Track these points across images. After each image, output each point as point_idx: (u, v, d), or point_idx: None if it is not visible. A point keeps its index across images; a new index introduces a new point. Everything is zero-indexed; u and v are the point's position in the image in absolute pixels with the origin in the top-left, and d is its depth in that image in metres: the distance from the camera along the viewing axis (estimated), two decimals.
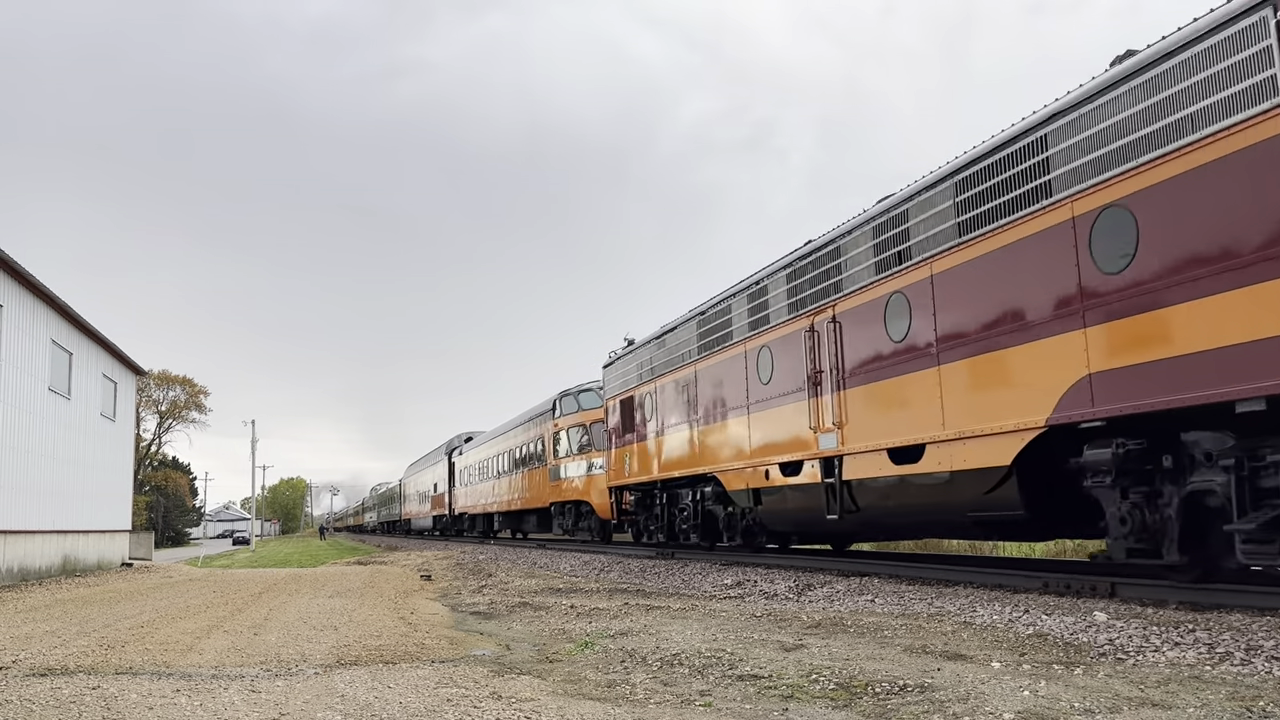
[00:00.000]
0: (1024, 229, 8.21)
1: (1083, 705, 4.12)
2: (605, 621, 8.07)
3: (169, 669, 6.10)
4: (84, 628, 9.09)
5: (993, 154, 8.62)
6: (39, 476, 20.16)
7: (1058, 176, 7.85)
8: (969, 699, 4.33)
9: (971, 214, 8.85)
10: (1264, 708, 3.98)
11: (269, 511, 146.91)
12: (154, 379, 72.50)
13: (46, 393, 20.71)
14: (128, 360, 27.89)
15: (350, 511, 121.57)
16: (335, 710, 4.55)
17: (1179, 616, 6.64)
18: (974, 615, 7.45)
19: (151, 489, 75.57)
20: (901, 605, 8.52)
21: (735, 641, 6.48)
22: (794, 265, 12.29)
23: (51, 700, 4.97)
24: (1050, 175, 7.93)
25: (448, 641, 7.19)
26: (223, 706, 4.70)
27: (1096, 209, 7.43)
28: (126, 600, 13.15)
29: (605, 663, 5.91)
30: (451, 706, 4.54)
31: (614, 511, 20.59)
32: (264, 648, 7.05)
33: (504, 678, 5.39)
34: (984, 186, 8.71)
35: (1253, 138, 6.20)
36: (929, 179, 9.58)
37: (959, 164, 9.11)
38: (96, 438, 25.16)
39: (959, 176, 9.07)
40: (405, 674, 5.60)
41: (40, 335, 20.29)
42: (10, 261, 17.69)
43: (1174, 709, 4.03)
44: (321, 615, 9.53)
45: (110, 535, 26.46)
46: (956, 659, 5.48)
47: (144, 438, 73.84)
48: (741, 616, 8.11)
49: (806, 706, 4.47)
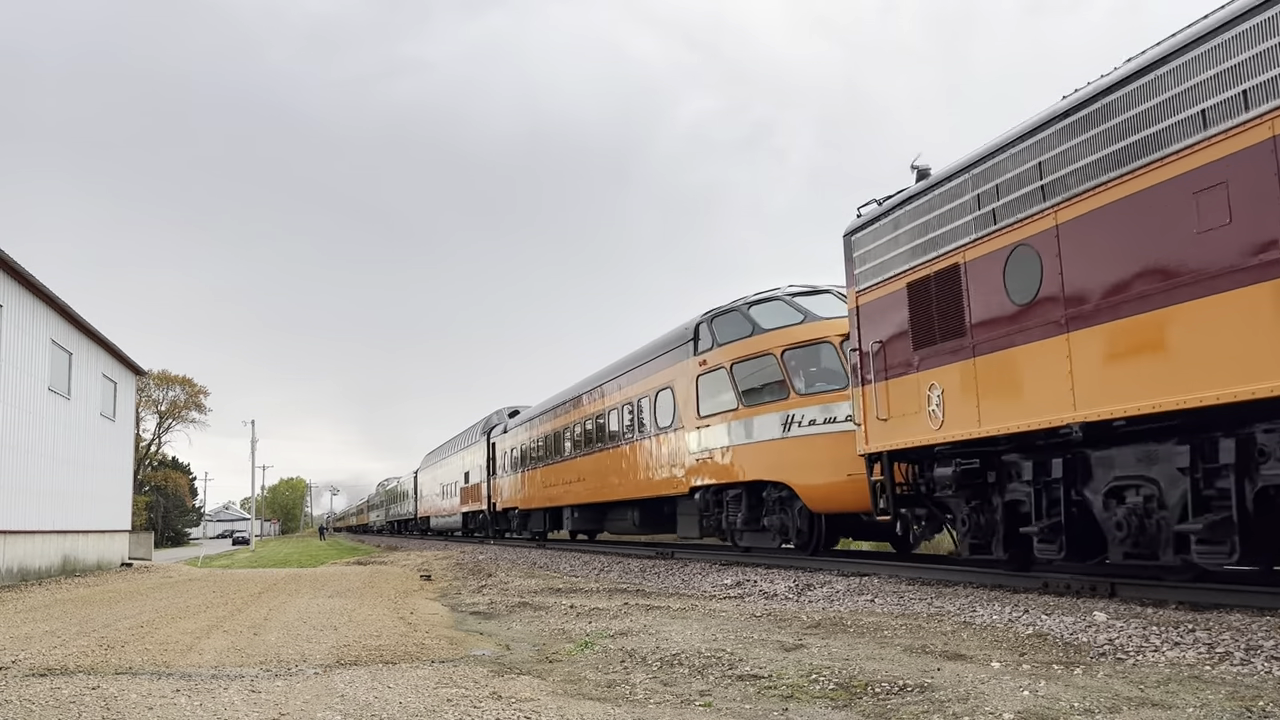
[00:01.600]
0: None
1: (1082, 705, 4.12)
2: (605, 621, 8.07)
3: (169, 669, 6.09)
4: (84, 628, 9.09)
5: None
6: (39, 477, 20.16)
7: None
8: (969, 699, 4.33)
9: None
10: (1264, 708, 3.98)
11: (269, 512, 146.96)
12: (154, 379, 72.52)
13: (46, 393, 20.70)
14: (127, 360, 27.88)
15: (353, 511, 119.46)
16: (335, 710, 4.55)
17: (1179, 616, 6.64)
18: (974, 615, 7.45)
19: (151, 489, 75.56)
20: (901, 605, 8.52)
21: (735, 641, 6.48)
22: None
23: (51, 700, 4.96)
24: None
25: (448, 641, 7.19)
26: (223, 706, 4.70)
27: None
28: (126, 600, 13.14)
29: (605, 663, 5.91)
30: (451, 706, 4.54)
31: (879, 496, 10.65)
32: (264, 648, 7.04)
33: (504, 678, 5.39)
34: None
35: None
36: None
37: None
38: (96, 438, 25.15)
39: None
40: (405, 674, 5.60)
41: (40, 335, 20.28)
42: (10, 261, 17.68)
43: (1174, 709, 4.03)
44: (321, 615, 9.53)
45: (110, 535, 26.45)
46: (956, 659, 5.48)
47: (144, 438, 73.85)
48: (741, 616, 8.11)
49: (806, 706, 4.47)
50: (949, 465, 9.37)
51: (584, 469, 22.34)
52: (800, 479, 12.96)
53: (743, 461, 14.22)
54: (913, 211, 9.89)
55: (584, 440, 22.48)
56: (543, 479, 26.24)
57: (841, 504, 12.45)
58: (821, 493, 12.67)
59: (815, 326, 13.48)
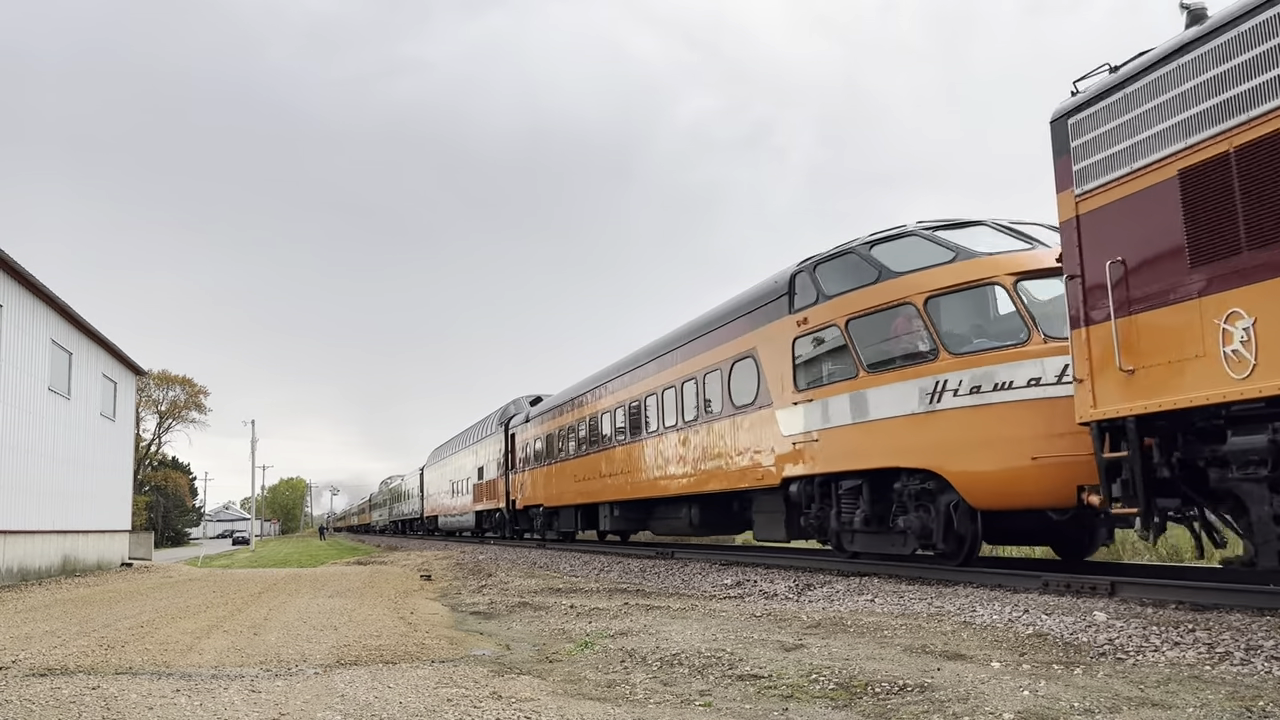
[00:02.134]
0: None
1: (1082, 705, 4.12)
2: (605, 621, 8.07)
3: (169, 669, 6.10)
4: (84, 628, 9.09)
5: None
6: (39, 476, 20.17)
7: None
8: (969, 699, 4.33)
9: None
10: (1264, 708, 3.99)
11: (269, 511, 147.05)
12: (154, 379, 72.58)
13: (46, 393, 20.71)
14: (127, 360, 27.88)
15: (354, 510, 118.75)
16: (335, 710, 4.55)
17: (1179, 616, 6.64)
18: (974, 615, 7.45)
19: (151, 489, 75.60)
20: (901, 605, 8.52)
21: (735, 641, 6.48)
22: None
23: (51, 700, 4.97)
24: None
25: (448, 641, 7.19)
26: (223, 706, 4.70)
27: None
28: (126, 600, 13.15)
29: (605, 663, 5.91)
30: (451, 706, 4.54)
31: (1110, 482, 7.75)
32: (264, 648, 7.05)
33: (504, 678, 5.39)
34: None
35: None
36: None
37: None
38: (96, 438, 25.16)
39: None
40: (405, 674, 5.60)
41: (40, 335, 20.29)
42: (10, 261, 17.69)
43: (1174, 709, 4.03)
44: (321, 615, 9.53)
45: (110, 535, 26.46)
46: (956, 659, 5.48)
47: (144, 438, 73.90)
48: (741, 616, 8.11)
49: (806, 706, 4.47)
50: (1262, 432, 6.44)
51: (628, 459, 19.15)
52: (957, 464, 9.72)
53: (864, 444, 11.01)
54: (1193, 65, 7.07)
55: (629, 426, 19.23)
56: (575, 472, 23.06)
57: (1022, 497, 9.27)
58: (991, 483, 9.45)
59: (975, 264, 10.06)
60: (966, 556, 10.33)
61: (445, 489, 43.56)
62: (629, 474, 19.05)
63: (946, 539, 10.22)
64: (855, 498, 11.50)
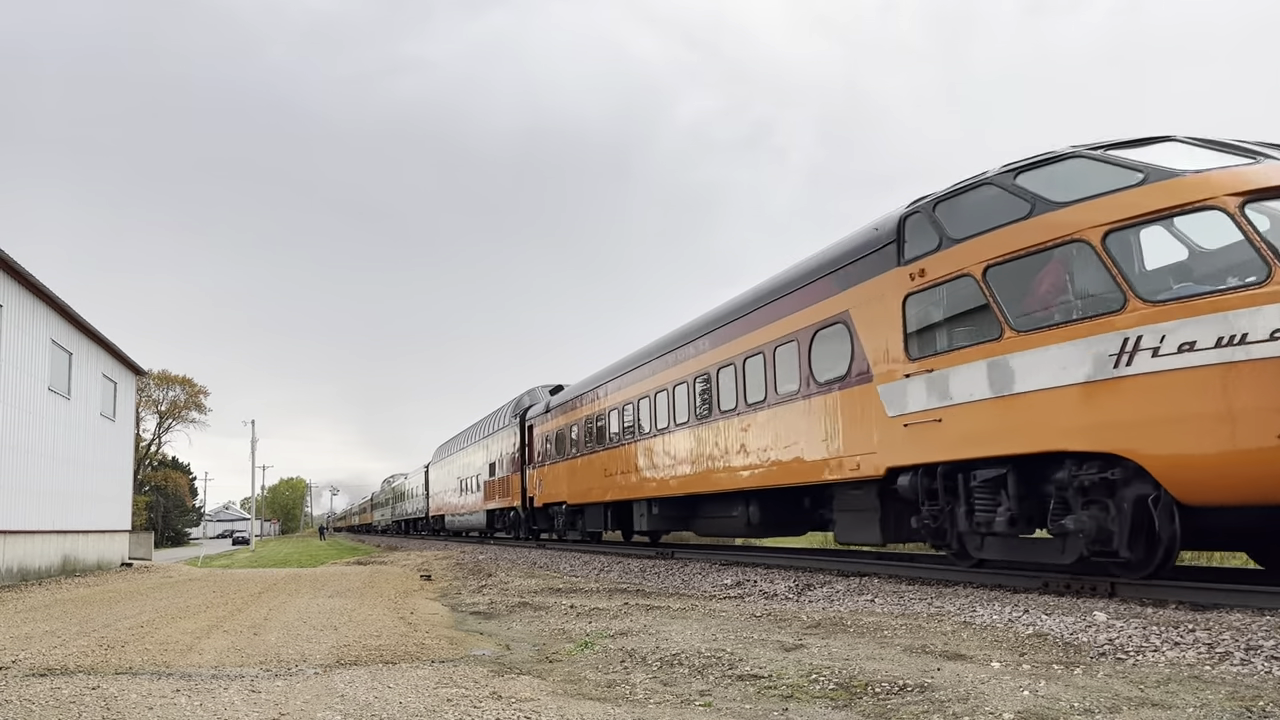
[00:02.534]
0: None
1: (1082, 705, 4.12)
2: (605, 621, 8.07)
3: (169, 669, 6.10)
4: (84, 628, 9.09)
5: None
6: (39, 476, 20.17)
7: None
8: (969, 699, 4.33)
9: None
10: (1264, 708, 3.98)
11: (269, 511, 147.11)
12: (154, 379, 72.63)
13: (46, 393, 20.71)
14: (127, 360, 27.89)
15: (355, 510, 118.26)
16: (335, 710, 4.55)
17: (1179, 616, 6.64)
18: (974, 615, 7.45)
19: (151, 489, 75.62)
20: (901, 605, 8.52)
21: (735, 641, 6.48)
22: None
23: (51, 700, 4.97)
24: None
25: (448, 641, 7.19)
26: (223, 706, 4.70)
27: None
28: (126, 600, 13.15)
29: (605, 663, 5.91)
30: (451, 706, 4.54)
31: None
32: (264, 648, 7.05)
33: (504, 678, 5.39)
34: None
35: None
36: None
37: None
38: (96, 438, 25.16)
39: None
40: (405, 674, 5.60)
41: (40, 335, 20.29)
42: (10, 261, 17.69)
43: (1174, 709, 4.03)
44: (321, 615, 9.53)
45: (110, 535, 26.46)
46: (956, 659, 5.48)
47: (144, 438, 73.93)
48: (741, 616, 8.11)
49: (806, 706, 4.47)
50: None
51: (671, 450, 16.77)
52: (1158, 446, 7.39)
53: (1010, 423, 8.68)
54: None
55: (672, 413, 16.84)
56: (606, 465, 20.52)
57: (1260, 488, 6.91)
58: (1211, 469, 7.12)
59: (1179, 185, 7.54)
60: (1159, 568, 7.87)
61: (453, 487, 41.47)
62: (672, 467, 16.74)
63: (1133, 544, 7.84)
64: (995, 492, 9.12)
